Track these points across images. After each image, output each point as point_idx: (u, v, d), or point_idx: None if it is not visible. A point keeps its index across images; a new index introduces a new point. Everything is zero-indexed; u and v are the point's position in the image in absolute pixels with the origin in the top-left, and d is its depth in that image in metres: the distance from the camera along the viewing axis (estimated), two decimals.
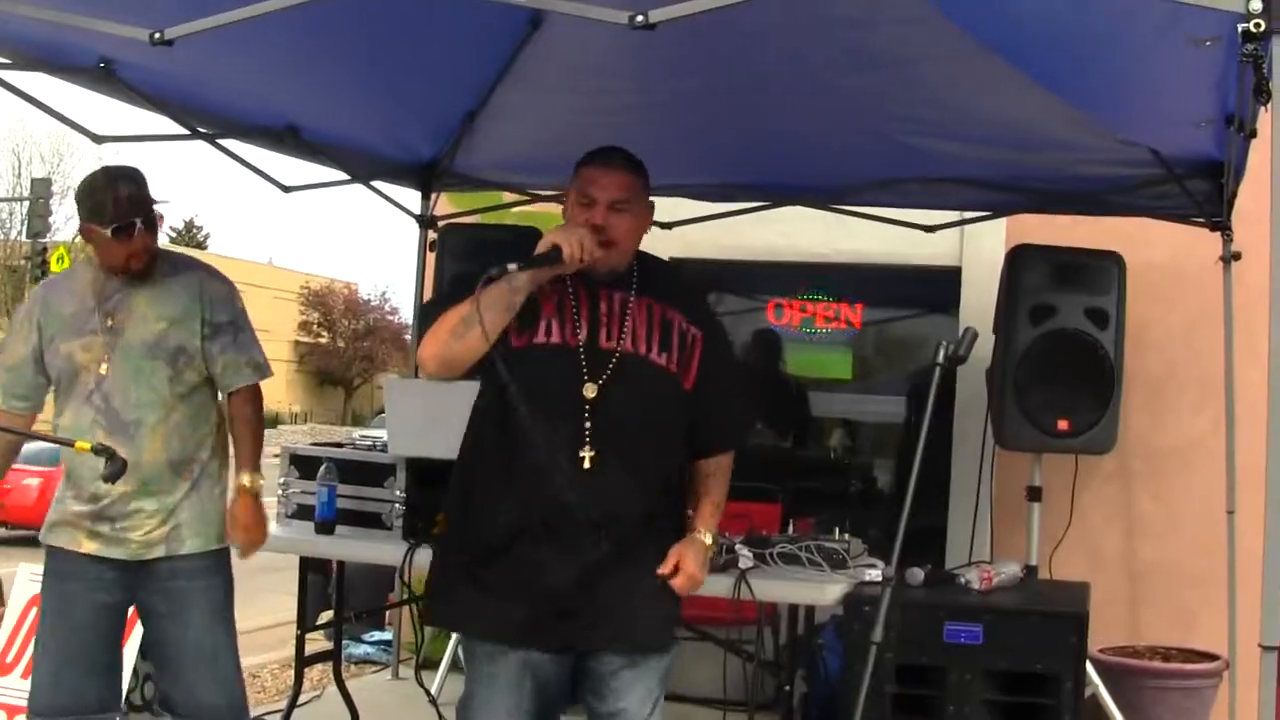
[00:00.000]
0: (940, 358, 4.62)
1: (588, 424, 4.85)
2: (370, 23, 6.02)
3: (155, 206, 5.95)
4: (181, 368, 5.96)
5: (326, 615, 8.58)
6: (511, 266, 4.68)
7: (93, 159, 68.72)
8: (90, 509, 5.90)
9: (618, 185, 4.96)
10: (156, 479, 5.91)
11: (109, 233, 5.78)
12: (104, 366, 5.88)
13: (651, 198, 5.07)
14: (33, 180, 51.09)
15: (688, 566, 5.00)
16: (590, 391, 4.86)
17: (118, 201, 5.82)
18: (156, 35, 4.41)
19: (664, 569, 4.98)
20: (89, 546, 5.91)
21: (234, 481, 6.07)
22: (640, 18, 3.90)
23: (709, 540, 5.16)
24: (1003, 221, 8.76)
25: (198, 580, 6.00)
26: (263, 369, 6.14)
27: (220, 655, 6.07)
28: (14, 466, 6.34)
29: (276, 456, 7.29)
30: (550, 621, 4.89)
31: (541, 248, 4.80)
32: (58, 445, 6.21)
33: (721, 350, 5.25)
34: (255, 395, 6.15)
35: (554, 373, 4.88)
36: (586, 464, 4.84)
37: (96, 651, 6.00)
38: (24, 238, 56.72)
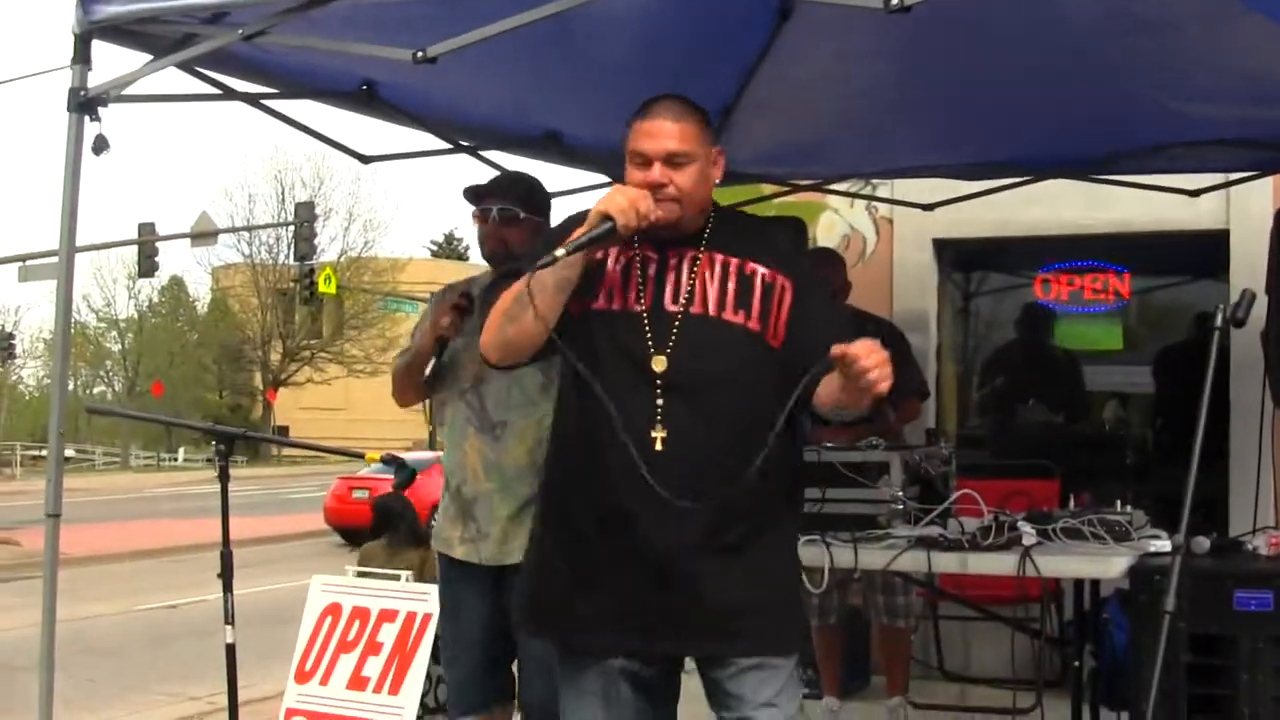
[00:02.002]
0: (1218, 321, 4.55)
1: (659, 400, 4.43)
2: (622, 25, 6.09)
3: (523, 211, 6.23)
4: (554, 375, 6.13)
5: None
6: (560, 253, 4.29)
7: (352, 180, 70.20)
8: (457, 507, 6.29)
9: (670, 136, 4.49)
10: (517, 480, 6.17)
11: (473, 216, 6.25)
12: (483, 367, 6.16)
13: (899, 180, 4.84)
14: (296, 205, 52.11)
15: (873, 352, 4.11)
16: (659, 364, 4.43)
17: (479, 190, 6.28)
18: (419, 54, 4.54)
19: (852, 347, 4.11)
20: (459, 552, 6.29)
21: None
22: (895, 0, 3.92)
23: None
24: (1269, 181, 8.59)
25: None
26: None
27: None
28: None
29: None
30: (635, 626, 4.52)
31: (591, 219, 4.39)
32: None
33: (819, 298, 4.70)
34: None
35: (617, 341, 4.50)
36: (658, 445, 4.40)
37: (480, 647, 6.34)
38: (291, 261, 57.99)
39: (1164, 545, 6.02)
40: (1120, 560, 6.00)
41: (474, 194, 6.30)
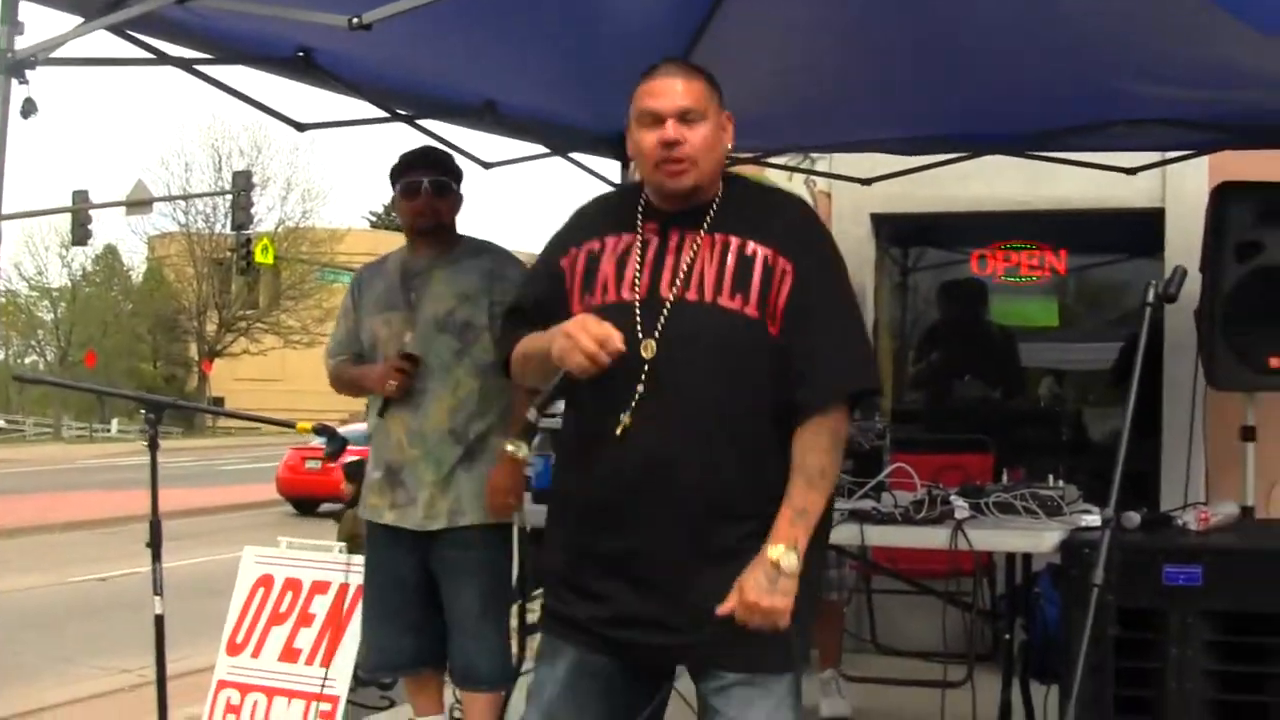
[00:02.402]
0: (1150, 297, 4.55)
1: (640, 387, 4.16)
2: None
3: (453, 182, 6.49)
4: (469, 343, 6.37)
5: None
6: (531, 415, 4.10)
7: (290, 150, 69.88)
8: (385, 476, 6.42)
9: (683, 92, 4.26)
10: (438, 447, 6.32)
11: (399, 189, 6.43)
12: (407, 338, 6.37)
13: (839, 153, 4.68)
14: (234, 174, 51.93)
15: (743, 593, 4.06)
16: (648, 350, 4.18)
17: (408, 163, 6.46)
18: (355, 20, 4.49)
19: (723, 608, 4.08)
20: (389, 517, 6.43)
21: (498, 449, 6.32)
22: None
23: (776, 555, 4.08)
24: (1204, 160, 8.64)
25: (474, 551, 6.38)
26: None
27: (492, 624, 6.46)
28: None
29: None
30: (610, 623, 4.28)
31: (555, 354, 4.14)
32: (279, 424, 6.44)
33: (820, 282, 4.28)
34: None
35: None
36: (618, 430, 4.16)
37: (407, 610, 6.49)
38: (228, 230, 57.72)
39: (1095, 520, 6.05)
40: (1052, 535, 6.04)
41: (402, 166, 6.36)
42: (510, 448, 4.20)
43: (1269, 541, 6.60)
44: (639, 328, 4.21)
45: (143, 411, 6.25)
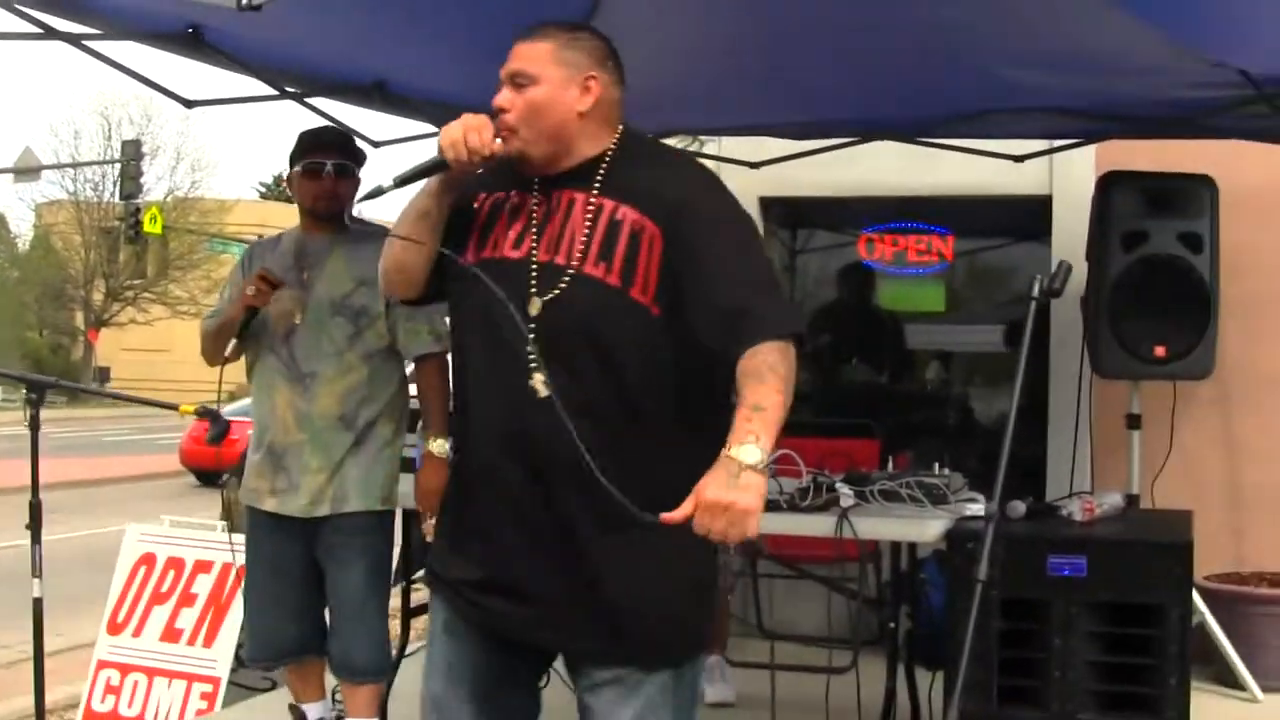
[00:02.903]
0: (1035, 292, 4.56)
1: (529, 349, 3.91)
2: None
3: (355, 166, 6.44)
4: (363, 328, 6.30)
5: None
6: (385, 184, 4.05)
7: (181, 119, 69.23)
8: (267, 459, 6.32)
9: (518, 55, 4.08)
10: (326, 432, 6.24)
11: (301, 169, 6.33)
12: (297, 318, 6.28)
13: (727, 136, 4.36)
14: (123, 142, 51.44)
15: (701, 493, 3.54)
16: (534, 308, 3.95)
17: (311, 144, 6.40)
18: (244, 2, 4.44)
19: (675, 512, 3.59)
20: (269, 504, 6.32)
21: (423, 448, 6.28)
22: None
23: (736, 451, 3.58)
24: (1092, 149, 8.70)
25: (357, 539, 6.33)
26: (444, 339, 6.18)
27: (372, 613, 6.40)
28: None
29: None
30: (492, 599, 4.07)
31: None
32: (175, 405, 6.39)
33: (700, 236, 3.95)
34: (442, 367, 6.25)
35: (498, 289, 3.94)
36: (541, 392, 3.87)
37: (289, 597, 6.40)
38: (117, 199, 57.16)
39: (980, 509, 6.08)
40: (936, 524, 6.07)
41: (305, 147, 6.31)
42: (436, 449, 4.17)
43: (1152, 533, 6.65)
44: (531, 289, 3.98)
45: (23, 391, 6.16)
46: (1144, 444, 8.28)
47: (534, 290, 3.98)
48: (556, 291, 3.97)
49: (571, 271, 3.97)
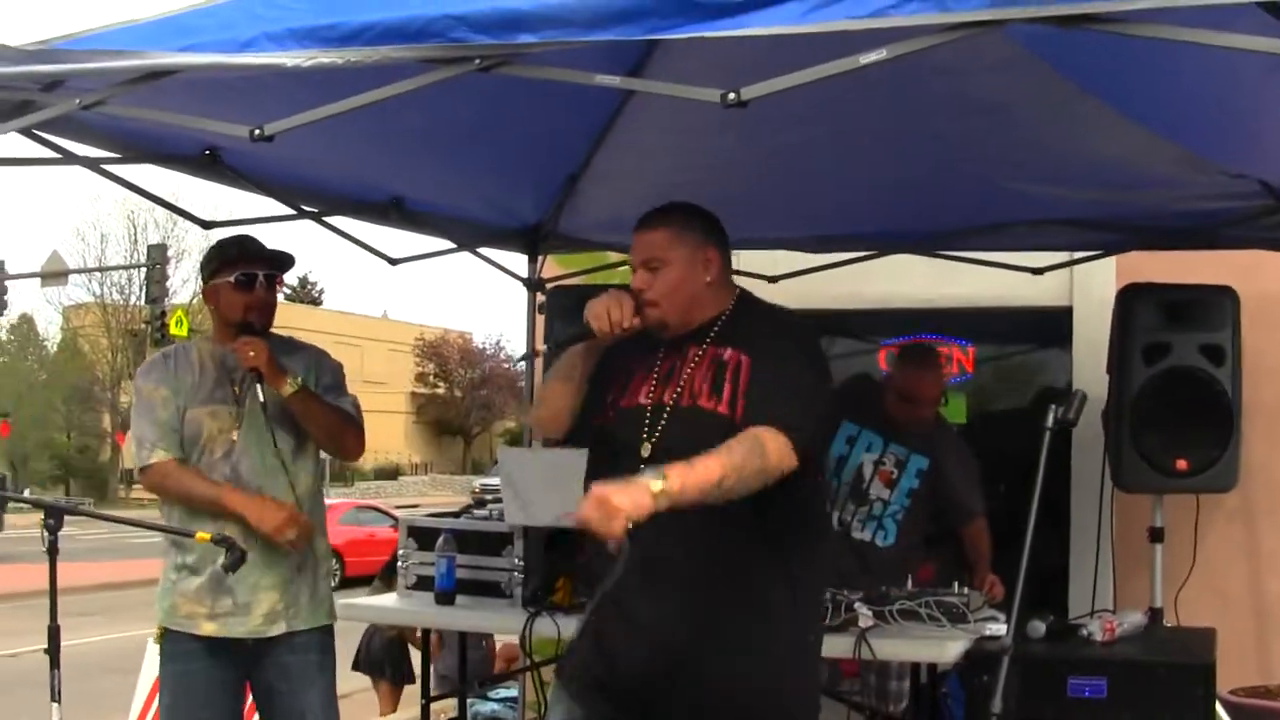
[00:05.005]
0: (1049, 422, 4.56)
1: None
2: (466, 96, 6.05)
3: (279, 272, 6.24)
4: (305, 437, 6.18)
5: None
6: (541, 348, 4.57)
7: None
8: (210, 584, 6.03)
9: (646, 244, 4.83)
10: (276, 549, 6.03)
11: (233, 280, 6.05)
12: (235, 434, 6.06)
13: (744, 250, 4.96)
14: (149, 246, 51.70)
15: (603, 489, 4.13)
16: (645, 450, 4.67)
17: (243, 254, 6.15)
18: (256, 131, 4.48)
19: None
20: (208, 629, 6.03)
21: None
22: (732, 95, 3.92)
23: (645, 475, 4.18)
24: (1112, 260, 8.69)
25: (313, 655, 6.18)
26: (355, 417, 6.31)
27: None
28: None
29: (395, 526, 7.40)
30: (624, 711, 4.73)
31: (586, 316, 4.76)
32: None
33: (772, 362, 4.69)
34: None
35: (623, 435, 4.75)
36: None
37: None
38: (143, 302, 57.41)
39: (1000, 629, 6.04)
40: (955, 645, 6.03)
41: (235, 257, 6.16)
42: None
43: (1173, 653, 6.59)
44: (644, 431, 4.73)
45: (42, 515, 6.10)
46: (1167, 556, 8.21)
47: (660, 429, 4.71)
48: (673, 427, 4.70)
49: (691, 407, 4.71)
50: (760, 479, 4.35)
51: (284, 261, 6.28)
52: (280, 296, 6.39)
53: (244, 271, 6.09)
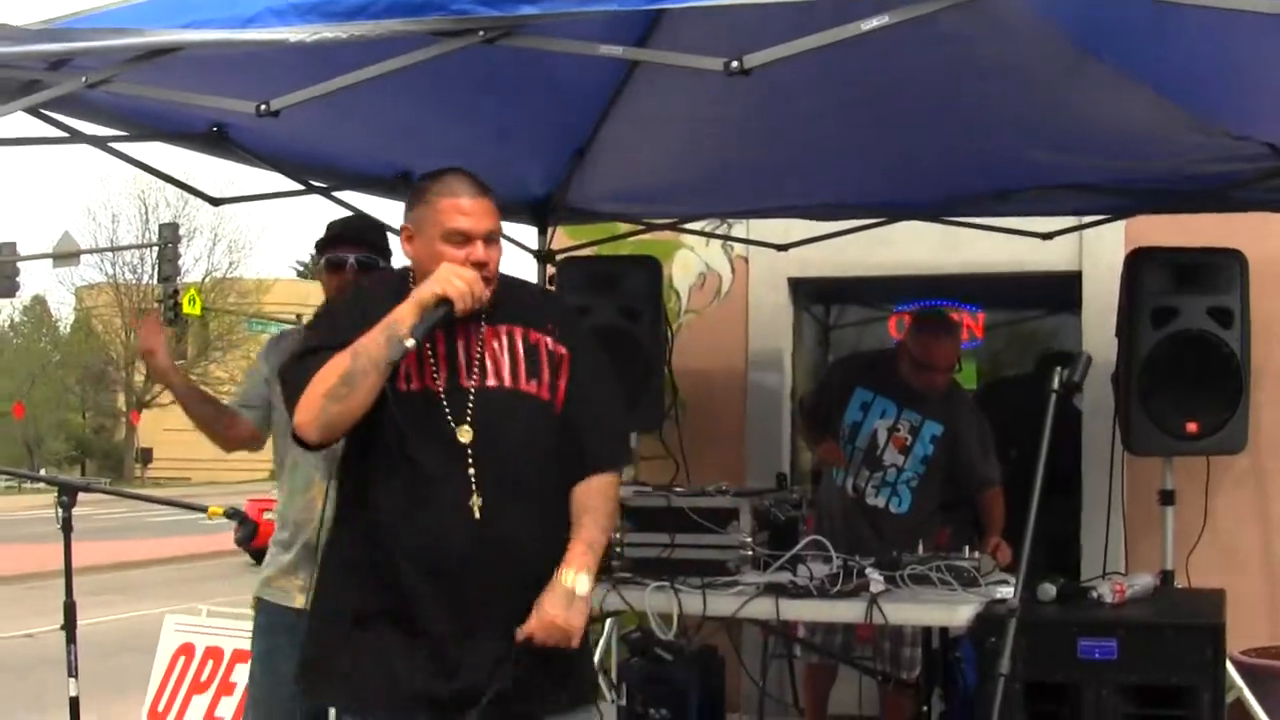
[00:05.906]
0: (1055, 384, 4.57)
1: (471, 470, 4.47)
2: (474, 68, 6.08)
3: (380, 260, 6.17)
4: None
5: None
6: (410, 344, 4.32)
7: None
8: (302, 556, 6.09)
9: (490, 214, 4.57)
10: None
11: (323, 262, 6.14)
12: None
13: (754, 219, 4.92)
14: (160, 225, 51.68)
15: (543, 611, 4.43)
16: (465, 435, 4.49)
17: (335, 237, 6.17)
18: (263, 107, 4.51)
19: (523, 629, 4.45)
20: (300, 601, 6.00)
21: None
22: (735, 64, 3.93)
23: (570, 582, 4.48)
24: (1120, 224, 8.70)
25: None
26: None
27: None
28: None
29: None
30: (453, 696, 4.50)
31: (424, 300, 4.42)
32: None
33: (591, 365, 4.76)
34: None
35: (422, 419, 4.50)
36: (476, 513, 4.45)
37: (302, 702, 6.00)
38: (155, 281, 57.47)
39: (1009, 592, 6.05)
40: (966, 608, 6.02)
41: (330, 239, 6.21)
42: None
43: (1183, 614, 6.58)
44: (449, 414, 4.52)
45: (56, 492, 6.13)
46: (1178, 519, 8.21)
47: (469, 413, 4.54)
48: (490, 411, 4.59)
49: (504, 390, 4.61)
50: None
51: (379, 243, 6.26)
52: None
53: (334, 254, 6.13)
